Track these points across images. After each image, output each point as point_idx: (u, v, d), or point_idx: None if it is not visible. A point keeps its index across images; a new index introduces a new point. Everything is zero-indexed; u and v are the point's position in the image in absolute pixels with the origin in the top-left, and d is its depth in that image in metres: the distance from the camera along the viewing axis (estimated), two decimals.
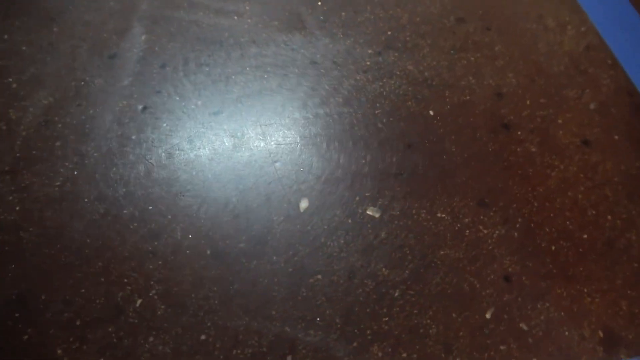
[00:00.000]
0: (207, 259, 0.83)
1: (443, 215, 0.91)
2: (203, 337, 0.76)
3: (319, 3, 1.23)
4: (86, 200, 0.87)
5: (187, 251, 0.83)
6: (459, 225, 0.90)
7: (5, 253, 0.81)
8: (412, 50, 1.15)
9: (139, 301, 0.78)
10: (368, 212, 0.90)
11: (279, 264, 0.83)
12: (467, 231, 0.90)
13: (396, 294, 0.82)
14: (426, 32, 1.19)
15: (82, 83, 1.02)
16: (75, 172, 0.90)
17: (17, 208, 0.85)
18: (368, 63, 1.13)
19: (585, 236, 0.91)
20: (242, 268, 0.82)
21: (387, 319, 0.79)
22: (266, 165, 0.95)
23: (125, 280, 0.79)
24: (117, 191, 0.88)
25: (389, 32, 1.19)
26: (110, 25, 1.12)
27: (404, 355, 0.77)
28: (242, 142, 0.98)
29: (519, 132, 1.04)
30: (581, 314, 0.83)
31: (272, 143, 0.98)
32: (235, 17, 1.18)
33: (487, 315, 0.81)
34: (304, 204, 0.90)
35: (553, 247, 0.89)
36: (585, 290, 0.85)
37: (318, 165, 0.96)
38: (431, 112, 1.05)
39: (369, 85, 1.09)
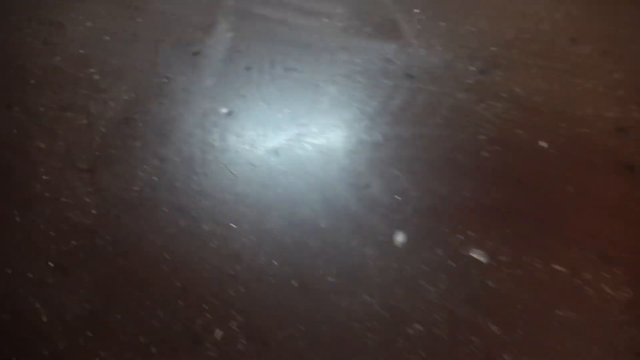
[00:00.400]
0: (294, 291, 0.74)
1: (560, 268, 0.79)
2: None
3: (416, 10, 1.12)
4: (165, 209, 0.80)
5: (272, 280, 0.75)
6: (578, 281, 0.78)
7: (79, 261, 0.75)
8: (520, 71, 1.03)
9: (219, 332, 0.70)
10: (473, 255, 0.79)
11: (373, 306, 0.73)
12: (589, 289, 0.77)
13: (507, 358, 0.71)
14: (536, 51, 1.06)
15: (165, 80, 0.96)
16: (155, 178, 0.83)
17: (94, 212, 0.79)
18: (470, 81, 1.01)
19: None
20: (331, 306, 0.73)
21: None
22: (358, 188, 0.85)
23: (205, 307, 0.72)
24: (198, 203, 0.81)
25: (494, 48, 1.07)
26: (195, 19, 1.06)
27: None
28: (331, 159, 0.89)
29: None
30: None
31: (364, 164, 0.88)
32: (326, 20, 1.09)
33: None
34: (400, 237, 0.80)
35: None
36: None
37: (415, 194, 0.85)
38: (543, 144, 0.93)
39: (472, 106, 0.97)
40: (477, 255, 0.79)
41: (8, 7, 1.01)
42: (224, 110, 0.92)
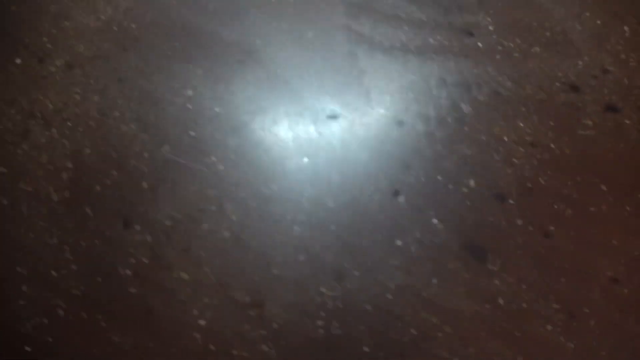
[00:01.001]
0: None
1: None
2: None
3: (587, 14, 0.87)
4: (366, 349, 0.62)
5: None
6: None
7: None
8: None
9: None
10: None
11: None
12: None
13: None
14: None
15: (305, 160, 0.76)
16: (339, 304, 0.65)
17: None
18: None
19: None
20: None
21: None
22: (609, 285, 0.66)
23: None
24: (403, 333, 0.63)
25: None
26: (317, 70, 0.83)
27: None
28: (549, 254, 0.69)
29: None
30: None
31: (585, 246, 0.68)
32: (480, 44, 0.84)
33: None
34: None
35: None
36: None
37: None
38: None
39: None
40: None
41: (90, 87, 0.80)
42: (391, 191, 0.72)
